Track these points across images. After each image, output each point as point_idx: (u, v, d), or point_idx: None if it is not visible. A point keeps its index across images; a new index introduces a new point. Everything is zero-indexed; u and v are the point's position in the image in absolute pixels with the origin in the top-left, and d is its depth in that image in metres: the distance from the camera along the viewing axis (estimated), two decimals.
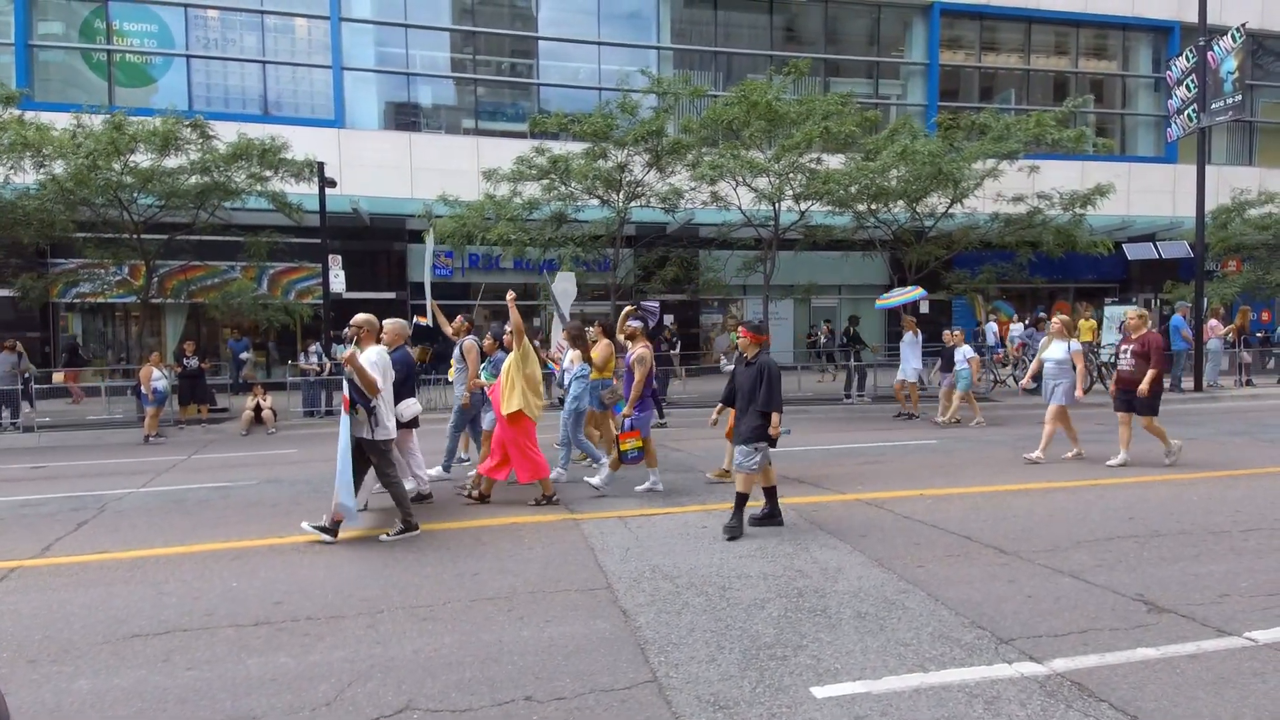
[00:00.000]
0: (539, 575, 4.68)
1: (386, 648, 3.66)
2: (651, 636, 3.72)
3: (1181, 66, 15.84)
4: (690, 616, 3.98)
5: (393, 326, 6.53)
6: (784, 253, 16.94)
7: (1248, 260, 19.29)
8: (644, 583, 4.52)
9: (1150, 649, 3.46)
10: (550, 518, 6.16)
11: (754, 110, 13.44)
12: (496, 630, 3.84)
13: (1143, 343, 7.84)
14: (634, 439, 6.71)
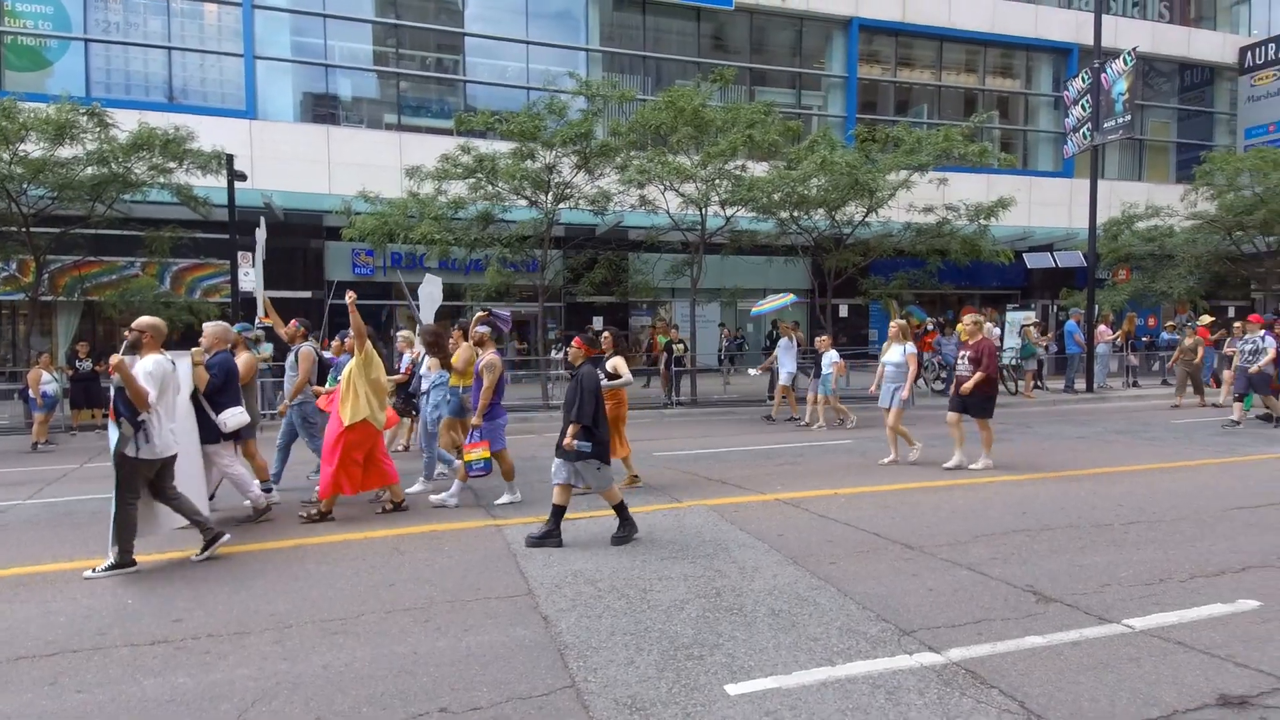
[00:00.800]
0: (458, 584, 4.62)
1: (294, 664, 3.54)
2: (572, 641, 3.74)
3: (1078, 87, 16.96)
4: (611, 620, 4.01)
5: (212, 330, 6.13)
6: (711, 256, 17.24)
7: (1136, 269, 20.81)
8: (566, 588, 4.53)
9: (1038, 637, 3.70)
10: (473, 524, 6.08)
11: (681, 116, 13.63)
12: (412, 642, 3.77)
13: (977, 349, 8.10)
14: (480, 449, 6.35)
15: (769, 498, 6.87)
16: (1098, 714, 2.97)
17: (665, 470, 8.29)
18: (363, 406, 6.11)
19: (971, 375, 8.03)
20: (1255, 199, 17.84)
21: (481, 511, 6.49)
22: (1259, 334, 11.31)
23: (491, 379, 6.55)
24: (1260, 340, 11.19)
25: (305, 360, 7.07)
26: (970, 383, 7.93)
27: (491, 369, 6.56)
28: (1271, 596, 4.16)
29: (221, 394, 5.89)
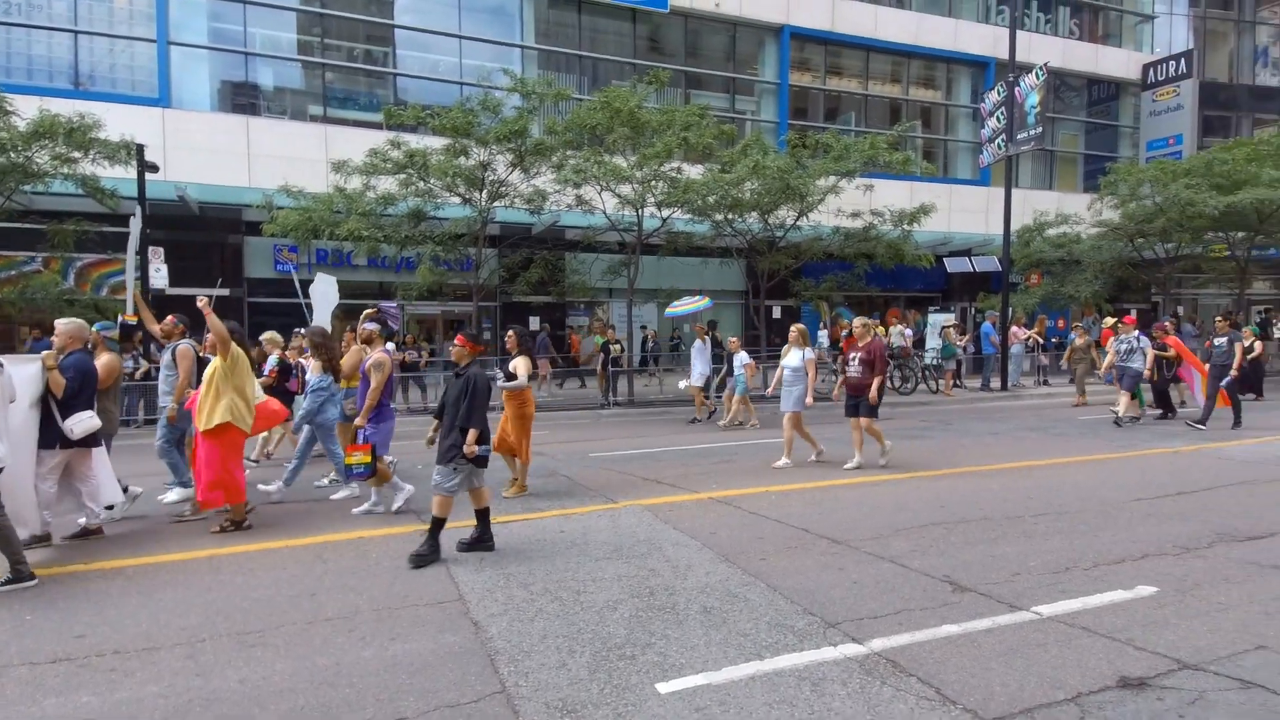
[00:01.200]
0: (385, 591, 4.50)
1: (208, 679, 3.38)
2: (503, 646, 3.69)
3: (993, 99, 17.80)
4: (543, 623, 3.98)
5: (65, 328, 5.63)
6: (648, 257, 17.33)
7: (1046, 274, 21.98)
8: (498, 592, 4.47)
9: (954, 625, 3.87)
10: (402, 530, 5.93)
11: (617, 117, 13.66)
12: (335, 653, 3.65)
13: (868, 350, 8.20)
14: (363, 453, 5.97)
15: (703, 496, 6.95)
16: (1008, 698, 3.12)
17: (601, 471, 8.29)
18: (222, 410, 5.72)
19: (861, 375, 8.18)
20: (1155, 208, 19.11)
21: (412, 516, 6.34)
22: (1133, 334, 11.71)
23: (379, 378, 6.25)
24: (1135, 340, 11.60)
25: (184, 359, 6.54)
26: (874, 389, 8.07)
27: (379, 368, 6.26)
28: (1167, 583, 4.46)
29: (76, 399, 5.37)
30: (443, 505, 5.06)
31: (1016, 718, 2.96)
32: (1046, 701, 3.08)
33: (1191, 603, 4.13)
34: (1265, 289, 28.60)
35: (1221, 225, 19.13)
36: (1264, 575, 4.55)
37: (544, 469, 8.47)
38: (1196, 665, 3.38)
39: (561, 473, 8.21)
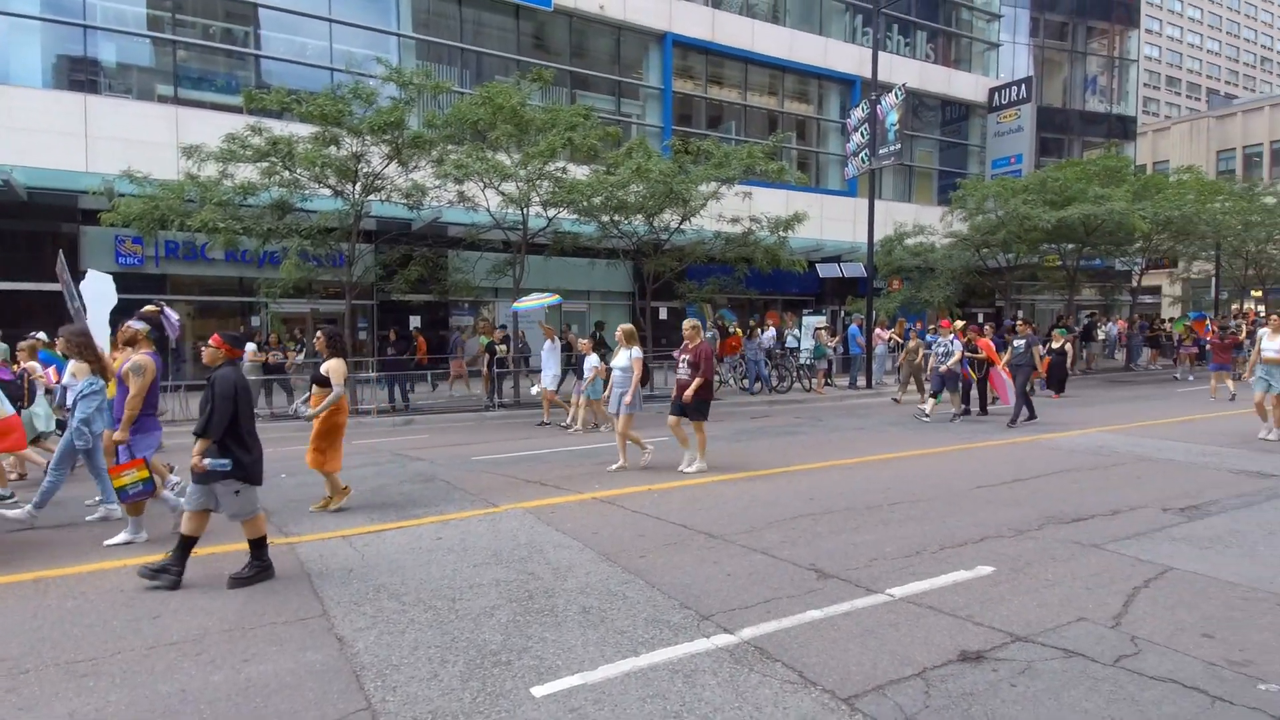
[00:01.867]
0: (239, 611, 4.20)
1: (34, 714, 3.03)
2: (370, 661, 3.54)
3: (858, 115, 18.95)
4: (415, 634, 3.85)
5: None
6: (534, 257, 17.14)
7: (906, 280, 23.67)
8: (366, 605, 4.28)
9: (816, 611, 4.09)
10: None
11: (500, 113, 13.42)
12: (181, 678, 3.37)
13: (695, 353, 8.06)
14: (134, 470, 5.22)
15: (586, 497, 6.96)
16: (863, 676, 3.34)
17: (483, 475, 8.12)
18: None
19: (690, 378, 8.03)
20: (998, 221, 21.01)
21: (273, 529, 5.94)
22: (949, 337, 12.23)
23: (140, 385, 5.55)
24: (950, 344, 12.14)
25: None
26: (690, 390, 7.94)
27: (140, 372, 5.56)
28: (1003, 562, 4.92)
29: None
30: (193, 524, 4.61)
31: (869, 694, 3.17)
32: (896, 677, 3.32)
33: (1023, 580, 4.58)
34: (1092, 295, 32.10)
35: (1054, 238, 21.29)
36: (1085, 553, 5.11)
37: (421, 474, 8.20)
38: (1026, 637, 3.74)
39: (440, 477, 7.97)
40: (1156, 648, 3.59)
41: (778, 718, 2.99)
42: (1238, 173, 41.99)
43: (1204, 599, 4.20)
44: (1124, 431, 10.67)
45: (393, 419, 13.16)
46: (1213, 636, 3.70)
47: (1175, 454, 8.76)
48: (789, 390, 17.30)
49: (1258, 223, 25.23)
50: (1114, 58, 34.23)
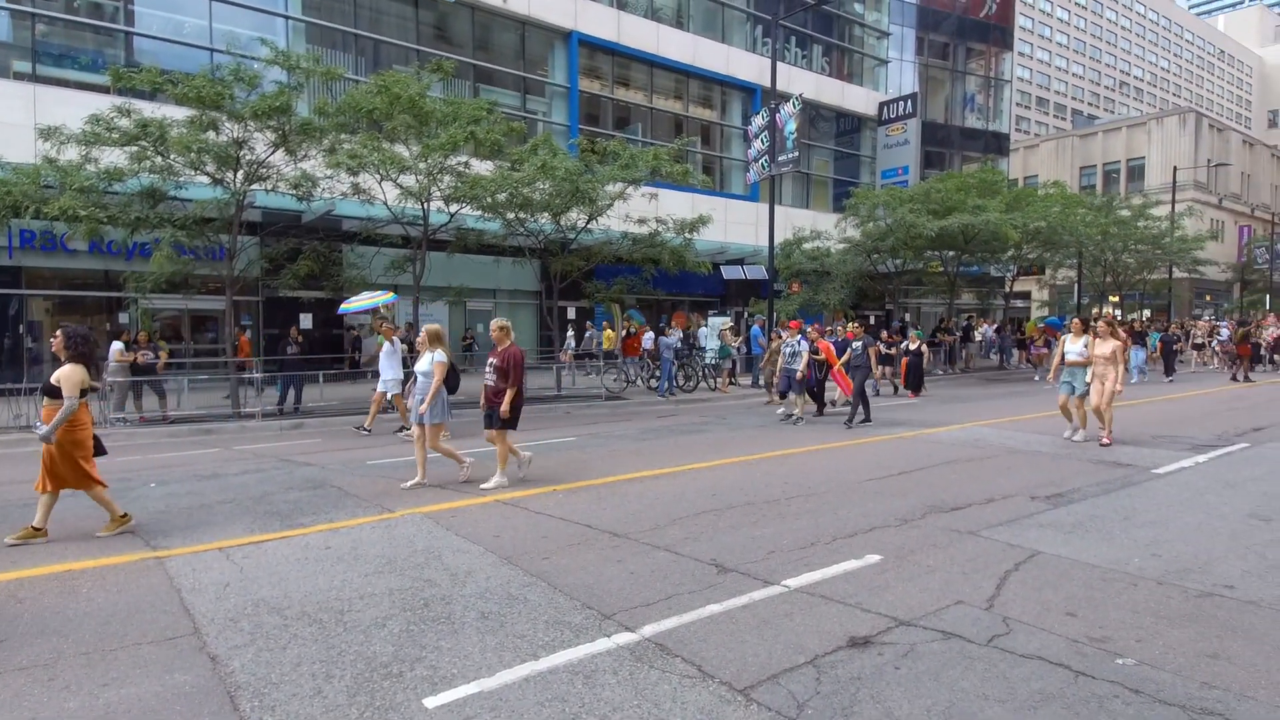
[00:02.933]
0: (97, 632, 3.82)
1: None
2: (247, 680, 3.31)
3: (758, 123, 19.51)
4: (298, 649, 3.63)
5: None
6: (436, 254, 16.64)
7: (804, 283, 24.59)
8: (244, 621, 4.00)
9: (716, 605, 4.15)
10: (122, 559, 5.09)
11: (398, 103, 12.93)
12: (29, 707, 3.03)
13: (504, 358, 7.26)
14: None
15: (488, 500, 6.80)
16: (758, 666, 3.41)
17: (378, 480, 7.78)
18: None
19: (497, 387, 7.22)
20: (886, 228, 22.16)
21: (139, 543, 5.47)
22: (796, 338, 12.17)
23: None
24: (797, 344, 12.07)
25: None
26: (505, 402, 7.11)
27: None
28: (890, 551, 5.16)
29: None
30: None
31: (764, 684, 3.24)
32: (790, 666, 3.41)
33: (908, 568, 4.82)
34: (971, 299, 34.40)
35: (937, 245, 22.68)
36: (963, 540, 5.43)
37: (310, 480, 7.78)
38: (909, 621, 3.93)
39: (332, 483, 7.58)
40: (1026, 627, 3.85)
41: (676, 713, 3.01)
42: (1098, 188, 46.15)
43: (1067, 580, 4.56)
44: (997, 426, 11.47)
45: (280, 423, 12.43)
46: (1075, 615, 4.01)
47: (1042, 446, 9.49)
48: (695, 389, 17.58)
49: (1115, 234, 27.81)
50: (990, 78, 36.84)
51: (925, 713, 3.00)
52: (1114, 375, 9.38)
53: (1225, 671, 3.33)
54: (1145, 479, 7.48)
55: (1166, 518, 6.00)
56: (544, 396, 16.17)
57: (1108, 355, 9.43)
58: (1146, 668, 3.38)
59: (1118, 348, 9.43)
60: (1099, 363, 9.52)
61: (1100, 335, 9.60)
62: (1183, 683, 3.23)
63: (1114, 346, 9.42)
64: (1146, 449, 9.21)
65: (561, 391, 16.72)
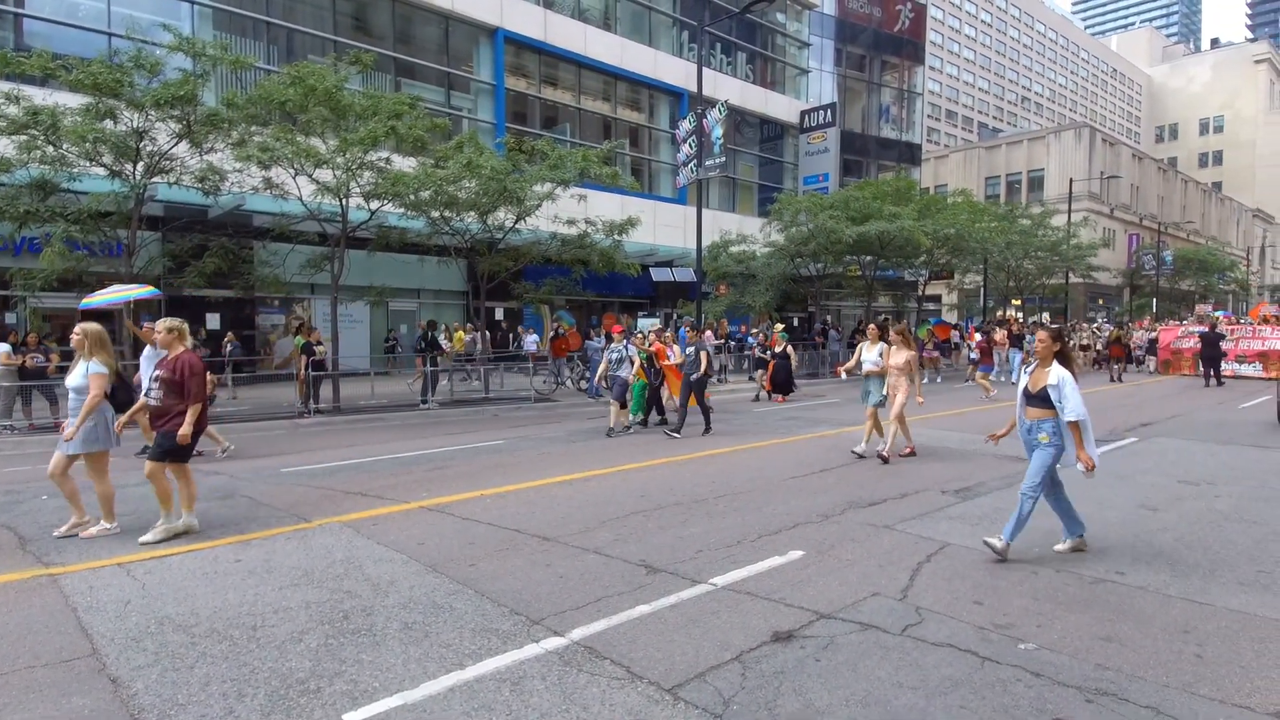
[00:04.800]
0: None
1: None
2: (151, 702, 3.12)
3: (686, 127, 19.77)
4: (207, 668, 3.45)
5: None
6: (357, 252, 16.11)
7: (732, 285, 25.05)
8: (147, 640, 3.77)
9: (646, 606, 4.19)
10: (11, 576, 4.72)
11: (313, 95, 12.46)
12: None
13: (175, 367, 5.57)
14: None
15: (412, 506, 6.63)
16: (686, 665, 3.46)
17: (294, 488, 7.47)
18: None
19: (166, 404, 5.55)
20: (808, 233, 22.84)
21: (30, 559, 5.08)
22: (622, 343, 11.50)
23: None
24: (624, 349, 11.35)
25: None
26: (186, 425, 5.49)
27: None
28: (812, 546, 5.32)
29: None
30: None
31: (692, 682, 3.29)
32: (717, 663, 3.48)
33: (828, 562, 4.99)
34: (887, 302, 35.81)
35: (855, 250, 23.52)
36: (879, 534, 5.66)
37: (219, 490, 7.40)
38: (829, 614, 4.07)
39: (242, 493, 7.23)
40: (937, 616, 4.05)
41: (604, 715, 3.02)
42: (1002, 197, 48.89)
43: (975, 570, 4.81)
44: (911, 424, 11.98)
45: None
46: (982, 603, 4.25)
47: (951, 442, 9.99)
48: None
49: (1017, 241, 29.54)
50: (904, 90, 38.48)
51: (843, 703, 3.12)
52: (905, 387, 8.72)
53: (1117, 654, 3.59)
54: None
55: None
56: (471, 399, 15.90)
57: (900, 366, 8.73)
58: (1046, 652, 3.61)
59: (911, 358, 8.72)
60: (892, 373, 8.82)
61: (894, 344, 8.85)
62: (1079, 665, 3.47)
63: (907, 357, 8.71)
64: None
65: (489, 394, 16.49)
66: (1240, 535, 5.62)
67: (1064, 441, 4.96)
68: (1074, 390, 4.86)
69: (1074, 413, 4.81)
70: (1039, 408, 5.03)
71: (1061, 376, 4.92)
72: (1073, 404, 4.83)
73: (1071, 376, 4.94)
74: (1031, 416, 5.10)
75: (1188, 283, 51.30)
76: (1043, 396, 4.99)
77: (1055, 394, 4.91)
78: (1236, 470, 8.11)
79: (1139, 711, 3.05)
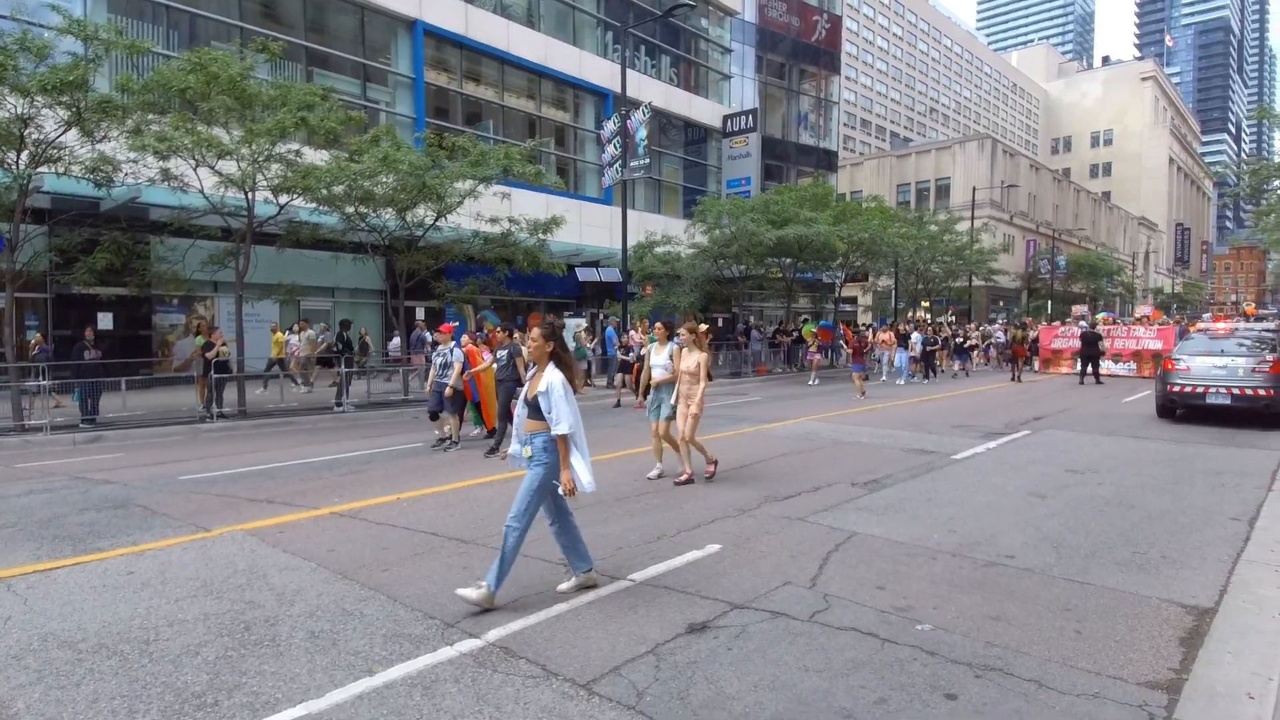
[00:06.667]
0: None
1: None
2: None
3: (610, 128, 19.83)
4: (95, 684, 3.25)
5: None
6: (264, 248, 15.39)
7: (657, 286, 25.26)
8: (29, 657, 3.52)
9: (564, 604, 4.20)
10: None
11: (216, 83, 11.84)
12: None
13: None
14: None
15: (323, 512, 6.41)
16: (601, 660, 3.49)
17: (193, 496, 7.09)
18: None
19: None
20: (731, 236, 23.29)
21: None
22: (449, 346, 9.97)
23: None
24: (449, 353, 9.91)
25: None
26: None
27: None
28: (728, 540, 5.45)
29: None
30: None
31: (606, 677, 3.33)
32: (632, 656, 3.52)
33: (744, 554, 5.12)
34: (806, 303, 36.91)
35: (776, 252, 24.14)
36: (793, 526, 5.84)
37: (111, 499, 6.95)
38: (742, 605, 4.19)
39: (136, 502, 6.81)
40: (842, 602, 4.23)
41: (518, 714, 3.01)
42: (912, 204, 51.21)
43: (879, 557, 5.04)
44: (826, 420, 12.43)
45: (74, 436, 10.99)
46: (884, 588, 4.46)
47: (862, 437, 10.41)
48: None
49: (925, 246, 30.99)
50: (821, 99, 39.75)
51: (752, 688, 3.22)
52: (699, 395, 7.40)
53: (1005, 631, 3.84)
54: (946, 464, 8.43)
55: (962, 498, 6.80)
56: (391, 401, 15.46)
57: (693, 370, 7.40)
58: (941, 632, 3.82)
59: (704, 360, 7.39)
60: (684, 379, 7.49)
61: (685, 345, 7.51)
62: (971, 643, 3.69)
63: (699, 359, 7.37)
64: (947, 437, 10.36)
65: (409, 396, 16.07)
66: (1119, 519, 6.09)
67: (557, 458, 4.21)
68: (563, 398, 4.18)
69: (562, 424, 4.13)
70: (535, 419, 4.30)
71: (552, 382, 4.20)
72: (561, 413, 4.15)
73: (564, 382, 4.24)
74: (527, 429, 4.34)
75: (1079, 286, 55.05)
76: (536, 405, 4.27)
77: (545, 402, 4.20)
78: (1118, 459, 8.78)
79: (1023, 684, 3.27)
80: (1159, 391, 12.54)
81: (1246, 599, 4.25)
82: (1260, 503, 6.62)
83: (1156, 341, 22.31)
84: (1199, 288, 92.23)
